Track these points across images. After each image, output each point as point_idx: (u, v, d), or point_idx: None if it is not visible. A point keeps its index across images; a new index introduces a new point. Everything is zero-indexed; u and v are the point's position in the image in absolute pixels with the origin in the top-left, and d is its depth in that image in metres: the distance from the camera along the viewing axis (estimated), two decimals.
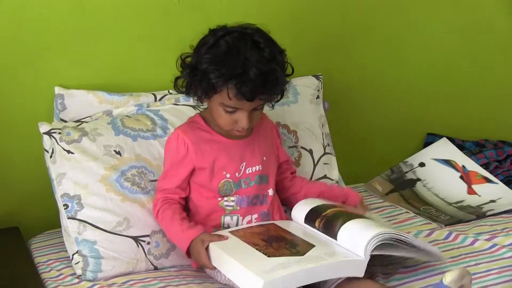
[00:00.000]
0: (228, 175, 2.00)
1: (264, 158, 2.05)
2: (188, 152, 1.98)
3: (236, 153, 2.01)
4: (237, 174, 2.00)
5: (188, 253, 1.91)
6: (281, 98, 2.02)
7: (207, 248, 1.86)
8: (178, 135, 2.00)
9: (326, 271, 1.78)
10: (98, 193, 2.05)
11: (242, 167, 2.01)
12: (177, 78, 2.00)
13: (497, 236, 2.12)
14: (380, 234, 1.81)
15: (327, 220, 1.93)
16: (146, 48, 2.37)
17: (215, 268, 1.87)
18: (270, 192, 2.05)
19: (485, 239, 2.11)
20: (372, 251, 1.80)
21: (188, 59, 1.97)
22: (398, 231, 1.87)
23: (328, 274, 1.79)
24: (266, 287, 1.68)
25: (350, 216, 1.92)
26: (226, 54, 1.87)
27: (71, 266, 2.04)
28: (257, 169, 2.02)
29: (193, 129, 2.02)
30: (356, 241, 1.82)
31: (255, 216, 2.02)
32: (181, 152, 1.99)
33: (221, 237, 1.88)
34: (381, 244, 1.82)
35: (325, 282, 1.83)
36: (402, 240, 1.86)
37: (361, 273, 1.80)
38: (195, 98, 1.99)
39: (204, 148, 1.99)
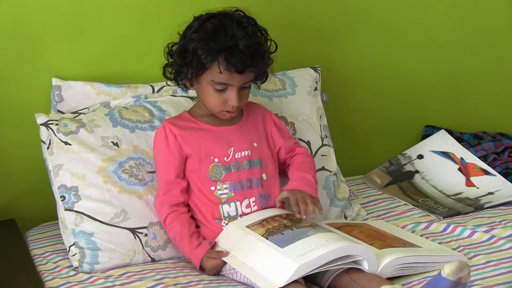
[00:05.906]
0: (216, 160, 2.02)
1: (255, 144, 2.06)
2: (176, 138, 2.02)
3: (223, 138, 2.04)
4: (225, 158, 2.02)
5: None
6: (266, 79, 2.08)
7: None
8: (164, 126, 2.05)
9: (349, 249, 1.82)
10: (95, 184, 2.04)
11: (230, 151, 2.03)
12: (166, 65, 2.06)
13: (495, 228, 2.12)
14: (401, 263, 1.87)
15: None
16: (144, 39, 2.36)
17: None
18: (264, 176, 2.05)
19: (483, 231, 2.11)
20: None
21: (175, 47, 2.03)
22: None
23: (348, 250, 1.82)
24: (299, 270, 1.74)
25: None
26: (214, 32, 1.95)
27: (68, 258, 2.04)
28: (246, 154, 2.04)
29: (179, 119, 2.08)
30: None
31: (253, 199, 2.02)
32: (170, 139, 2.02)
33: (221, 253, 1.91)
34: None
35: (324, 272, 1.84)
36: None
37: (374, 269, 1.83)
38: (183, 84, 2.04)
39: (190, 135, 2.03)
